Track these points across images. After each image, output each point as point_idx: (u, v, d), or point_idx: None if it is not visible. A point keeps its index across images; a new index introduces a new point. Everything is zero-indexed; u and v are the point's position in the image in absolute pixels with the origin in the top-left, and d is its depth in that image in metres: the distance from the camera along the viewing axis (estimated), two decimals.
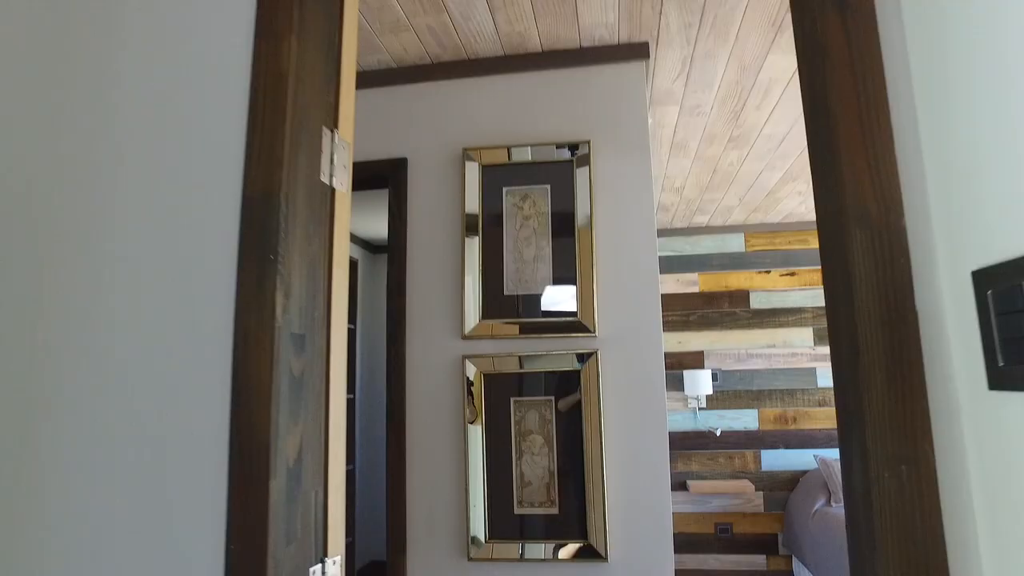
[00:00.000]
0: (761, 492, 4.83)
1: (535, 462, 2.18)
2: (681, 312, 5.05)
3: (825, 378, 4.87)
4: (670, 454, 4.92)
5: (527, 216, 2.30)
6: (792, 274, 5.00)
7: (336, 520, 1.14)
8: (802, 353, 4.91)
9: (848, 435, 0.84)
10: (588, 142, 2.30)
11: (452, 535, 2.21)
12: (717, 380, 4.93)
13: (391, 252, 2.40)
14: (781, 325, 4.95)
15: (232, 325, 0.97)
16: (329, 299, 1.15)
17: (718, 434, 4.89)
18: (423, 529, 2.24)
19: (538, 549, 2.13)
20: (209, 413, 0.96)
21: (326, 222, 1.16)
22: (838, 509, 4.15)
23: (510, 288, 2.27)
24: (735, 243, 5.08)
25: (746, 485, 4.68)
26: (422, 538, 2.23)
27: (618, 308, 2.23)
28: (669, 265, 5.10)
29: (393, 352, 2.33)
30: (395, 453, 2.29)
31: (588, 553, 2.10)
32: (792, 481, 4.82)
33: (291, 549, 0.97)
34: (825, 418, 4.83)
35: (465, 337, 2.26)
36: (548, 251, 2.27)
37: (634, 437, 2.16)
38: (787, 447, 4.85)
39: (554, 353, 2.20)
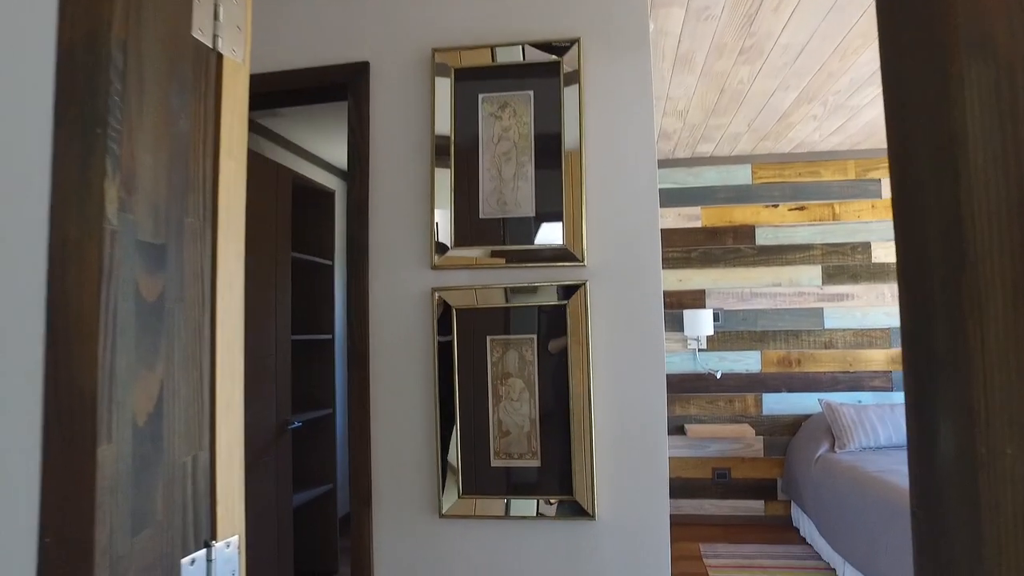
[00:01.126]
0: (761, 437, 4.64)
1: (514, 409, 1.92)
2: (682, 249, 4.76)
3: (832, 319, 4.61)
4: (667, 397, 4.71)
5: (506, 127, 1.98)
6: (801, 208, 4.68)
7: (229, 490, 0.87)
8: (809, 292, 4.64)
9: (930, 388, 0.56)
10: (577, 41, 1.96)
11: (422, 490, 1.98)
12: (719, 320, 4.68)
13: (351, 170, 2.09)
14: (788, 263, 4.67)
15: (47, 228, 0.68)
16: (215, 202, 0.86)
17: (718, 377, 4.67)
18: (390, 482, 2.00)
19: (518, 506, 1.90)
20: (17, 354, 0.68)
21: (208, 96, 0.86)
22: (841, 455, 3.96)
23: (487, 211, 1.97)
24: (741, 175, 4.75)
25: (746, 429, 4.49)
26: (389, 492, 2.00)
27: (611, 233, 1.94)
28: (670, 198, 4.78)
29: (354, 284, 2.05)
30: (357, 397, 2.03)
31: (574, 510, 1.87)
32: (794, 426, 4.62)
33: (145, 536, 0.71)
34: (831, 361, 4.60)
35: (435, 267, 1.98)
36: (530, 169, 1.96)
37: (628, 380, 1.90)
38: (790, 391, 4.63)
39: (537, 285, 1.92)
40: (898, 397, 4.55)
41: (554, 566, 1.89)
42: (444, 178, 1.99)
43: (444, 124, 2.00)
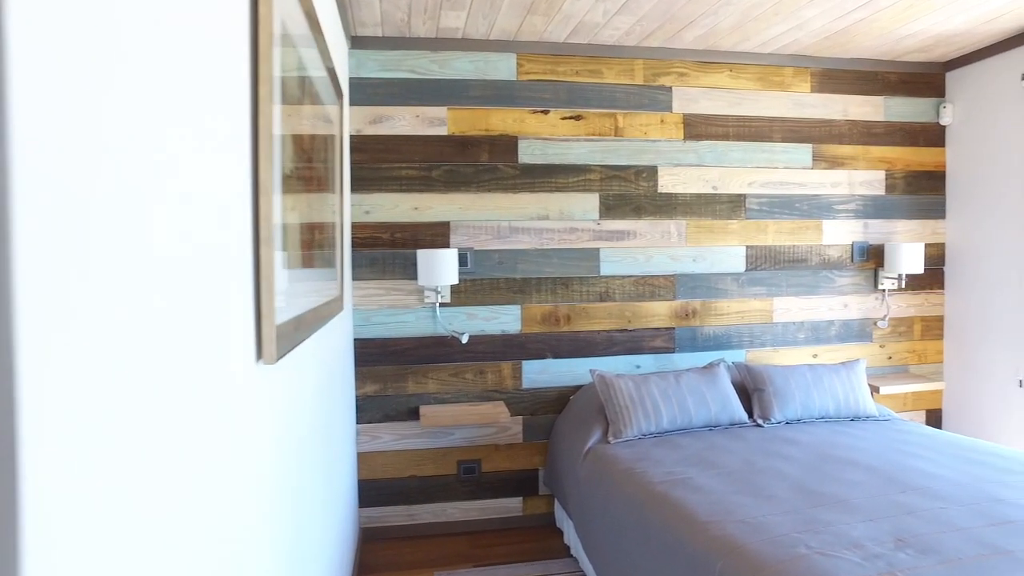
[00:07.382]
0: (520, 417, 3.55)
1: None
2: (420, 164, 3.41)
3: (610, 263, 3.59)
4: (397, 371, 3.42)
5: None
6: (578, 118, 3.55)
7: None
8: (584, 229, 3.56)
9: None
10: None
11: None
12: (467, 264, 3.45)
13: None
14: (559, 188, 3.53)
15: None
16: None
17: (464, 341, 3.46)
18: None
19: None
20: None
21: None
22: (617, 447, 2.95)
23: None
24: (503, 67, 3.48)
25: (500, 409, 3.35)
26: None
27: None
28: (406, 93, 3.38)
29: None
30: None
31: None
32: (560, 401, 3.58)
33: None
34: (606, 317, 3.60)
35: None
36: None
37: None
38: (556, 356, 3.57)
39: None
40: (681, 360, 3.69)
41: None
42: None
43: None
